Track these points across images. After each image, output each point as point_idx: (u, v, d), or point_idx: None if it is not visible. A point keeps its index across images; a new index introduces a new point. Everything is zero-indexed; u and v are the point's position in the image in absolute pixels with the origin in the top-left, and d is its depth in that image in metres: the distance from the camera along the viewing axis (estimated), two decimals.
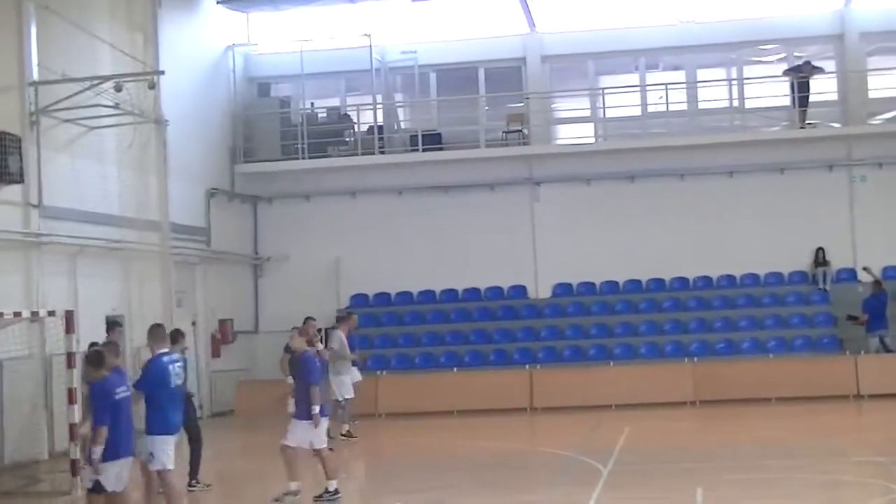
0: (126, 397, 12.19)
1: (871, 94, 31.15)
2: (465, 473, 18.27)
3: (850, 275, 30.09)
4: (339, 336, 22.67)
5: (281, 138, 31.89)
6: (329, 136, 32.41)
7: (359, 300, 31.50)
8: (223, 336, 29.54)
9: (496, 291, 31.22)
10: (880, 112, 31.38)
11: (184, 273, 27.59)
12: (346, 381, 22.46)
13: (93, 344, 14.32)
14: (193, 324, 27.95)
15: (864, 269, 28.99)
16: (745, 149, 30.48)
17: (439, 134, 32.03)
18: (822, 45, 31.75)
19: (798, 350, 28.06)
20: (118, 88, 22.88)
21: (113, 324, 17.87)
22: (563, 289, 31.05)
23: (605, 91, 32.25)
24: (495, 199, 31.39)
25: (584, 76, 32.85)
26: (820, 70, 30.52)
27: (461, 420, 25.15)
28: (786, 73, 30.95)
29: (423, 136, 31.54)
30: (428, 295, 31.23)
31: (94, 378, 12.05)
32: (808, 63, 30.48)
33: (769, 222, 30.19)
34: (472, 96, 32.63)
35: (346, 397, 22.44)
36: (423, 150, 31.33)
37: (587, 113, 32.84)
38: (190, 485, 16.48)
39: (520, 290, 31.16)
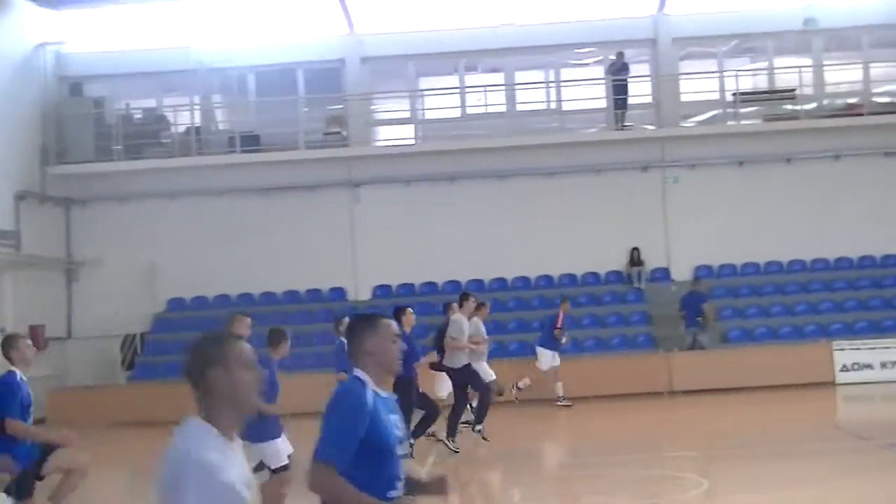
0: None
1: (684, 98, 31.93)
2: None
3: (663, 274, 30.78)
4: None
5: (95, 139, 31.16)
6: (145, 137, 31.80)
7: (175, 304, 30.98)
8: (35, 342, 28.53)
9: (315, 294, 31.01)
10: (692, 115, 32.22)
11: None
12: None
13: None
14: (2, 330, 27.05)
15: None
16: (563, 150, 30.86)
17: (257, 136, 31.70)
18: (637, 48, 32.32)
19: (615, 349, 28.53)
20: None
21: None
22: (383, 290, 31.02)
23: (425, 93, 32.36)
24: (315, 201, 31.17)
25: (404, 78, 32.89)
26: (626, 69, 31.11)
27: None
28: (605, 73, 31.51)
29: (241, 137, 31.17)
30: (247, 298, 30.82)
31: None
32: (620, 54, 31.02)
33: (586, 223, 30.62)
34: (290, 97, 32.35)
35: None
36: (242, 152, 30.97)
37: (407, 114, 32.89)
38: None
39: (339, 293, 31.01)
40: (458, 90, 32.32)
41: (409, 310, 17.76)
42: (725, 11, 31.66)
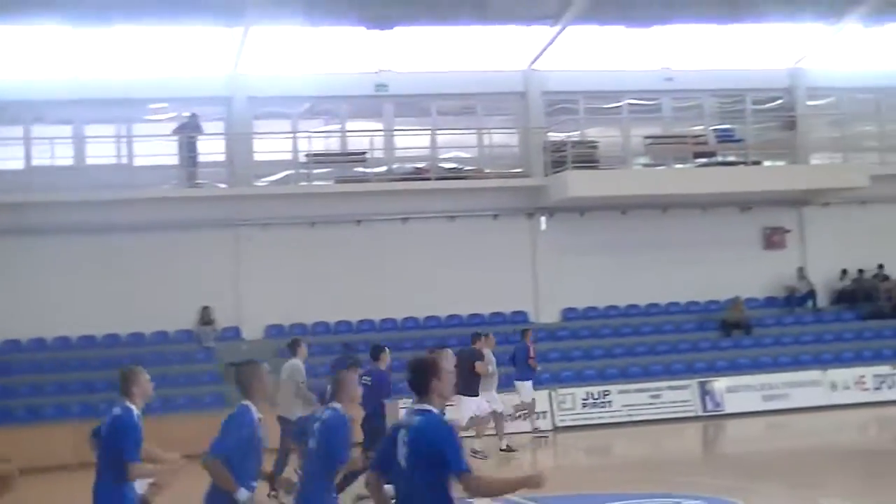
0: None
1: (257, 157, 32.08)
2: None
3: (234, 332, 30.68)
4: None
5: None
6: None
7: None
8: None
9: None
10: (266, 174, 32.39)
11: None
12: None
13: None
14: None
15: None
16: (134, 206, 29.97)
17: None
18: (212, 106, 32.19)
19: (182, 408, 27.82)
20: None
21: None
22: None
23: None
24: None
25: None
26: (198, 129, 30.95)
27: None
28: (175, 132, 31.16)
29: None
30: None
31: None
32: (194, 115, 30.88)
33: (155, 281, 29.78)
34: None
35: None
36: None
37: None
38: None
39: None
40: (22, 140, 31.02)
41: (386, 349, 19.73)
42: (301, 74, 32.08)
